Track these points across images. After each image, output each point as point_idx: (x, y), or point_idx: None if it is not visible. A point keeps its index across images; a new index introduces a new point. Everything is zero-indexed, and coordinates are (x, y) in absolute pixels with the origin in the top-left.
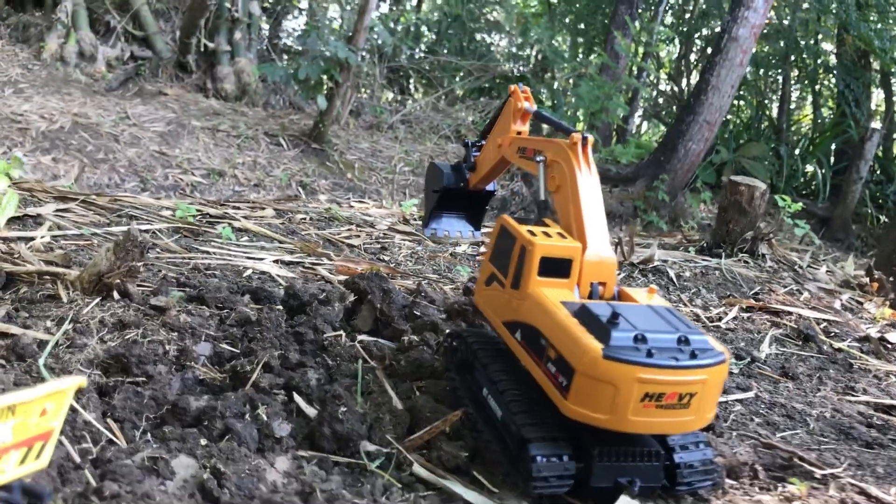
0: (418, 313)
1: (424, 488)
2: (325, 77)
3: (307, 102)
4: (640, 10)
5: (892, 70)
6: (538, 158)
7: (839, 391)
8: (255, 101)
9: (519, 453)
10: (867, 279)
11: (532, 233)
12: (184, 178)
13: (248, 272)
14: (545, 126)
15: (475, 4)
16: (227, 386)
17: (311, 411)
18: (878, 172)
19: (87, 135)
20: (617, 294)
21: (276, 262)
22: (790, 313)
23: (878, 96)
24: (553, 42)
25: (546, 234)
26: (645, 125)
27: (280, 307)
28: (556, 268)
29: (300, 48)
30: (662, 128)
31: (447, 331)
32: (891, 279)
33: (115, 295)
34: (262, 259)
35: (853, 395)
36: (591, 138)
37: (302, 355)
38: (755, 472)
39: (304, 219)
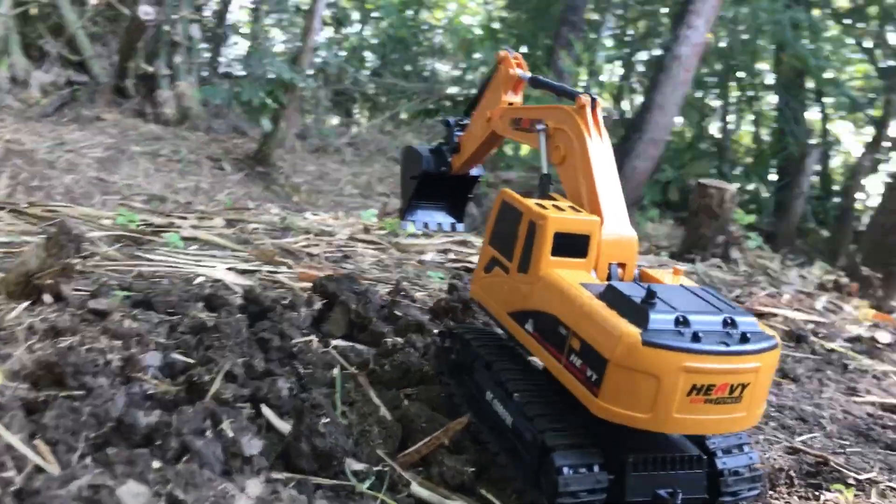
0: (399, 314)
1: None
2: (269, 100)
3: (251, 126)
4: (583, 32)
5: (827, 88)
6: (538, 127)
7: (843, 392)
8: (196, 125)
9: (539, 465)
10: (847, 279)
11: (541, 206)
12: (124, 203)
13: (200, 279)
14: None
15: (418, 28)
16: (181, 399)
17: (283, 426)
18: (819, 187)
19: (21, 161)
20: (638, 277)
21: (230, 269)
22: (776, 315)
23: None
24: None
25: (557, 207)
26: None
27: (239, 313)
28: (572, 246)
29: (242, 72)
30: None
31: (437, 330)
32: (879, 276)
33: (47, 298)
34: (214, 267)
35: (859, 396)
36: (600, 101)
37: (269, 363)
38: (791, 479)
39: (257, 229)
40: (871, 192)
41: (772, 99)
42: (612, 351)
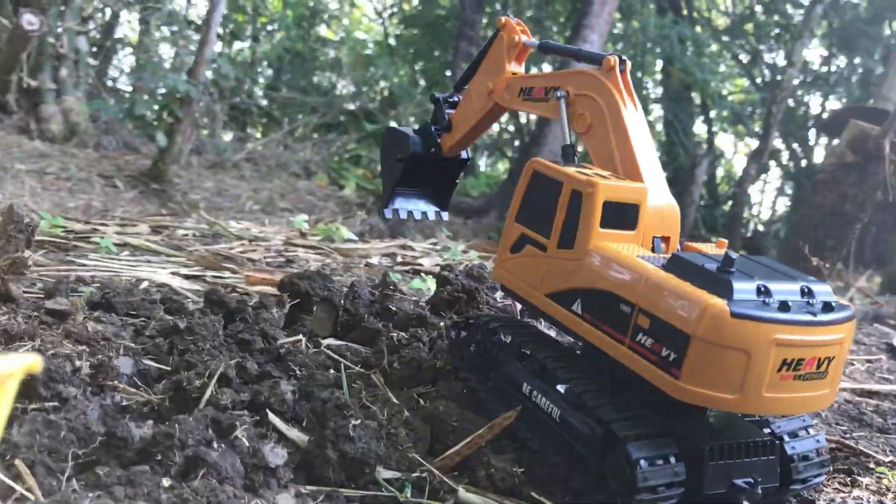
0: (393, 308)
1: None
2: (163, 113)
3: (143, 142)
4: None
5: (712, 100)
6: (558, 94)
7: None
8: (85, 141)
9: (605, 459)
10: None
11: (584, 173)
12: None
13: (145, 284)
14: None
15: (314, 43)
16: (167, 409)
17: (293, 434)
18: (707, 196)
19: None
20: (682, 250)
21: (173, 274)
22: None
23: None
24: (395, 79)
25: (599, 174)
26: (486, 159)
27: (212, 314)
28: (621, 216)
29: (132, 85)
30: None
31: (447, 322)
32: (826, 265)
33: None
34: (155, 272)
35: None
36: (628, 62)
37: (261, 366)
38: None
39: (187, 235)
40: (755, 200)
41: (660, 112)
42: (696, 326)
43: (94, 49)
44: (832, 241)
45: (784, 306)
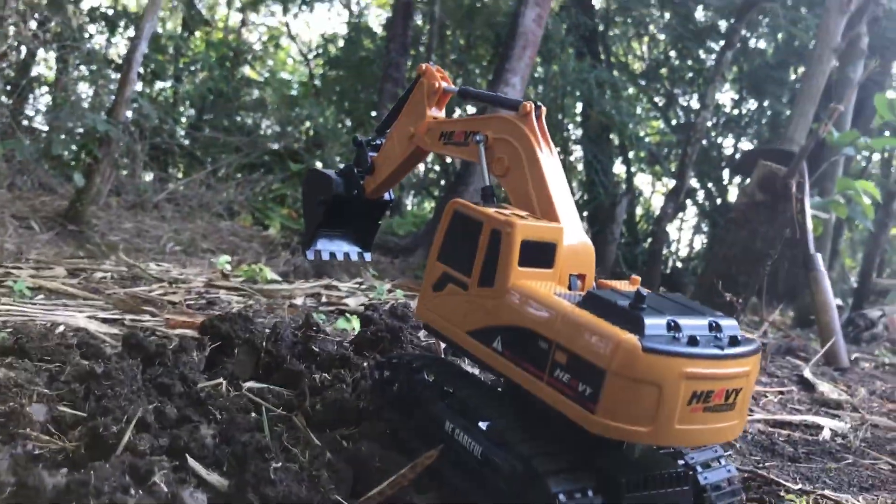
0: (316, 349)
1: None
2: (81, 153)
3: (60, 182)
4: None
5: (628, 143)
6: (476, 139)
7: None
8: None
9: (526, 494)
10: None
11: (502, 213)
12: None
13: (61, 329)
14: None
15: (238, 83)
16: (82, 457)
17: (213, 478)
18: (627, 234)
19: None
20: (597, 288)
21: (91, 318)
22: None
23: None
24: (320, 119)
25: (517, 214)
26: (412, 198)
27: (130, 359)
28: (539, 255)
29: (49, 125)
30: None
31: (370, 363)
32: (740, 300)
33: None
34: (73, 316)
35: (748, 416)
36: (543, 108)
37: (181, 410)
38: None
39: (105, 278)
40: (673, 237)
41: (580, 153)
42: (610, 360)
43: (9, 88)
44: (744, 276)
45: (693, 341)
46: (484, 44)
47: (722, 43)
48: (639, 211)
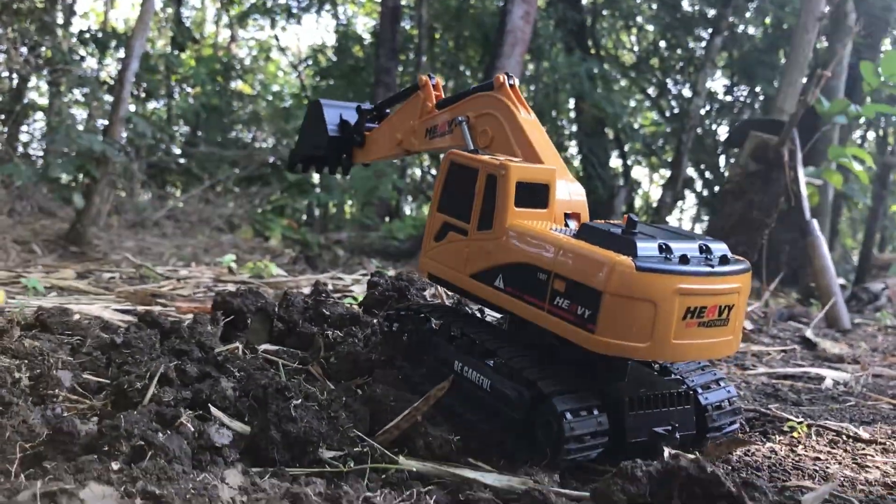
0: (327, 312)
1: (421, 484)
2: (79, 175)
3: (59, 205)
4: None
5: (623, 135)
6: (459, 120)
7: (737, 367)
8: None
9: (534, 417)
10: None
11: (496, 158)
12: None
13: (77, 317)
14: None
15: (230, 97)
16: (110, 413)
17: (236, 425)
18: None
19: None
20: None
21: (105, 308)
22: None
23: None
24: None
25: (510, 160)
26: (411, 203)
27: (149, 329)
28: (533, 196)
29: (45, 149)
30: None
31: (379, 317)
32: None
33: None
34: (87, 306)
35: (751, 370)
36: (515, 77)
37: (201, 368)
38: (741, 426)
39: (113, 278)
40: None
41: (576, 148)
42: (606, 282)
43: (3, 115)
44: (742, 247)
45: (684, 259)
46: (473, 44)
47: (710, 30)
48: (638, 202)
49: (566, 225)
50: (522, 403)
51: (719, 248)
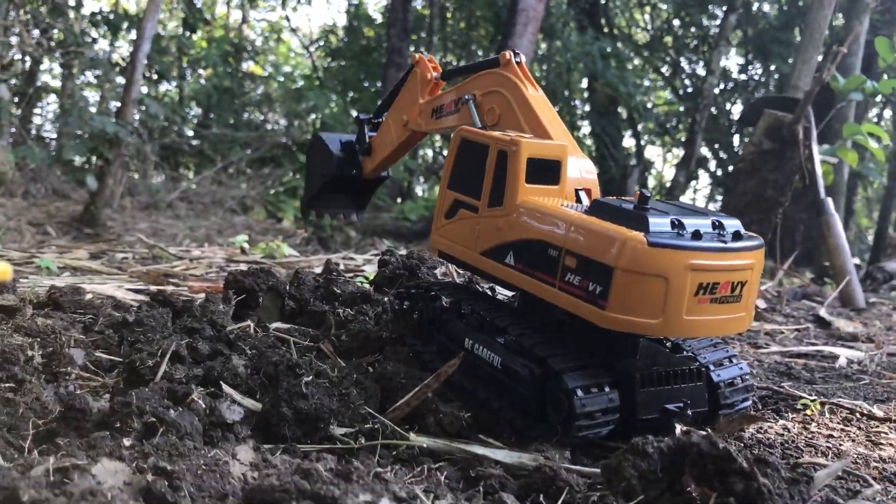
0: (338, 290)
1: (432, 460)
2: (92, 157)
3: (73, 187)
4: None
5: (636, 114)
6: (466, 98)
7: (750, 346)
8: (12, 191)
9: (544, 393)
10: None
11: (507, 134)
12: None
13: (89, 296)
14: None
15: (242, 79)
16: (122, 390)
17: (247, 402)
18: None
19: None
20: None
21: (118, 287)
22: None
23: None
24: (326, 110)
25: (521, 135)
26: (423, 184)
27: (161, 308)
28: (545, 172)
29: (58, 132)
30: None
31: (389, 295)
32: None
33: None
34: (99, 285)
35: (764, 348)
36: (522, 54)
37: (212, 346)
38: (754, 403)
39: (126, 258)
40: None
41: (589, 127)
42: (617, 258)
43: (16, 98)
44: (756, 226)
45: (697, 235)
46: (485, 24)
47: (725, 8)
48: (651, 182)
49: (578, 201)
50: (533, 380)
51: (732, 224)
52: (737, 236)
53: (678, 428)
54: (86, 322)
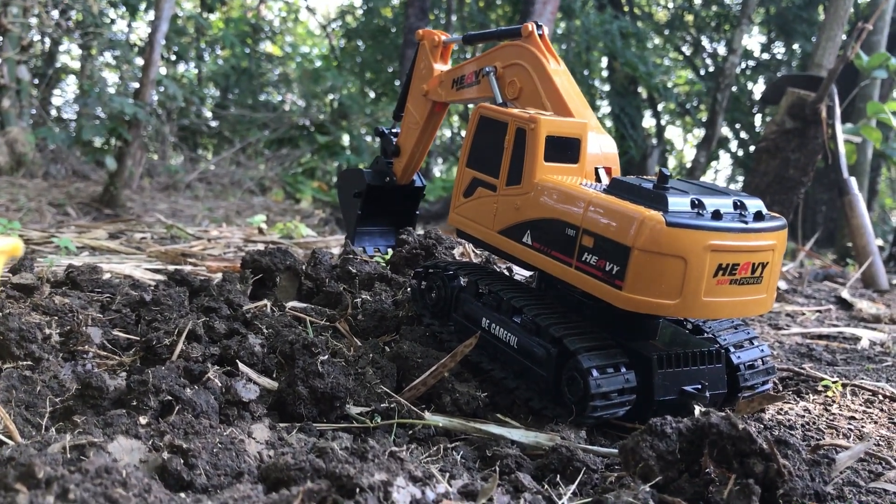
0: (354, 270)
1: (448, 440)
2: (112, 138)
3: (93, 168)
4: None
5: (656, 94)
6: (487, 70)
7: (771, 328)
8: (33, 171)
9: (560, 373)
10: None
11: (527, 112)
12: None
13: (107, 276)
14: None
15: (260, 59)
16: (139, 369)
17: (264, 381)
18: None
19: None
20: None
21: (136, 267)
22: None
23: (648, 120)
24: (344, 91)
25: (541, 113)
26: (441, 164)
27: (178, 287)
28: (564, 150)
29: (78, 113)
30: None
31: (412, 272)
32: None
33: None
34: (118, 265)
35: (785, 330)
36: (544, 26)
37: (229, 325)
38: (774, 385)
39: (145, 238)
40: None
41: (608, 108)
42: (635, 237)
43: (36, 79)
44: (778, 206)
45: (717, 215)
46: (504, 2)
47: None
48: (671, 163)
49: (597, 179)
50: (549, 360)
51: (754, 204)
52: (758, 216)
53: (697, 409)
54: (103, 301)
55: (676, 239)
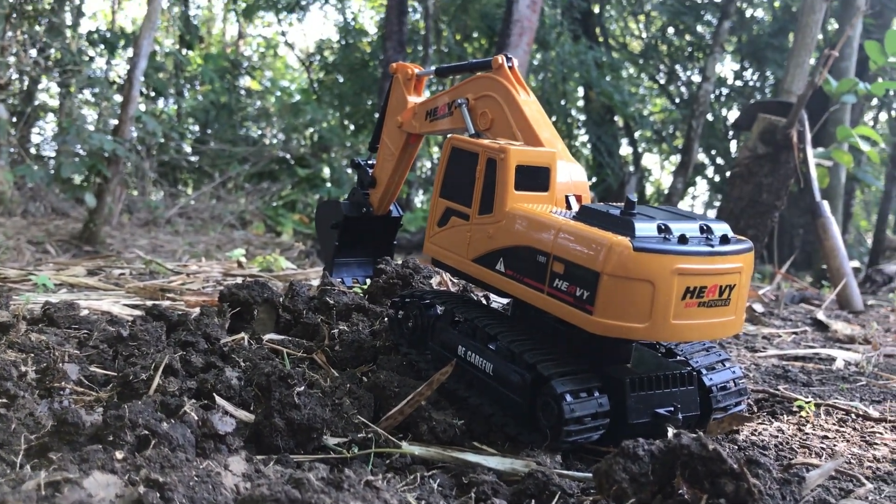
0: (331, 301)
1: (425, 468)
2: (91, 175)
3: (72, 205)
4: None
5: (632, 122)
6: (459, 102)
7: (747, 350)
8: (11, 210)
9: (535, 399)
10: None
11: (496, 143)
12: None
13: (85, 312)
14: None
15: (238, 94)
16: (115, 404)
17: (240, 414)
18: None
19: None
20: None
21: (115, 303)
22: None
23: (625, 148)
24: (324, 123)
25: (511, 143)
26: (422, 195)
27: (155, 322)
28: (534, 179)
29: (56, 150)
30: None
31: (389, 302)
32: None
33: None
34: (96, 301)
35: (761, 352)
36: (514, 59)
37: (206, 359)
38: (749, 406)
39: (123, 274)
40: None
41: (586, 136)
42: (603, 263)
43: (14, 117)
44: (752, 230)
45: (683, 239)
46: (480, 35)
47: (719, 15)
48: (649, 189)
49: (568, 207)
50: (524, 386)
51: (720, 227)
52: (724, 240)
53: (670, 431)
54: (80, 337)
55: (644, 264)
